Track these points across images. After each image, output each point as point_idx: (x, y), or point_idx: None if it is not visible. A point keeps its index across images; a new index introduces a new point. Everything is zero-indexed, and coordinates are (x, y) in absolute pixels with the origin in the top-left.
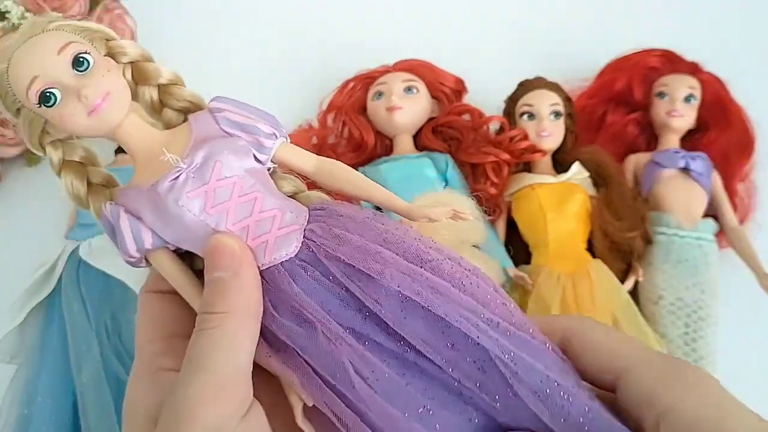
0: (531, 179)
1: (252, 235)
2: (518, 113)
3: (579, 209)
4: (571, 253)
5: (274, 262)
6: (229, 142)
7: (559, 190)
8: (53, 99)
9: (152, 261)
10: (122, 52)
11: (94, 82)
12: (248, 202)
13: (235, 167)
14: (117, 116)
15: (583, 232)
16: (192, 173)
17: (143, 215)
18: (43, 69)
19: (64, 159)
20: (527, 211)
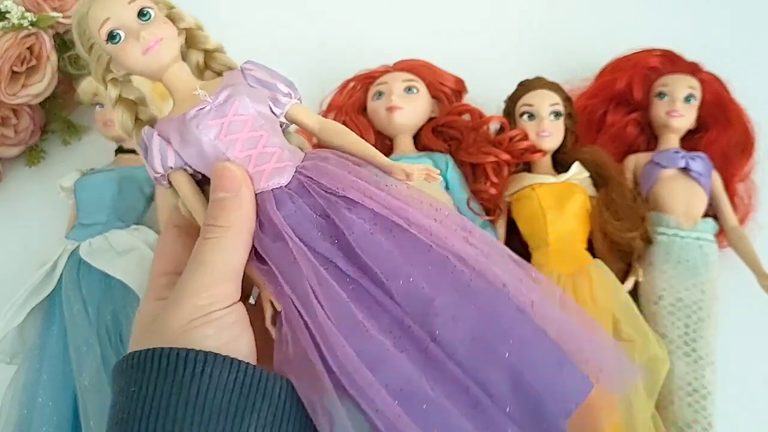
0: (531, 179)
1: (253, 164)
2: (518, 113)
3: (579, 209)
4: (571, 253)
5: (268, 188)
6: (250, 90)
7: (559, 190)
8: (118, 38)
9: (172, 180)
10: (180, 18)
11: (152, 29)
12: (255, 138)
13: (250, 108)
14: (166, 59)
15: (583, 232)
16: (215, 107)
17: (171, 138)
18: (114, 14)
19: (121, 95)
20: (527, 211)
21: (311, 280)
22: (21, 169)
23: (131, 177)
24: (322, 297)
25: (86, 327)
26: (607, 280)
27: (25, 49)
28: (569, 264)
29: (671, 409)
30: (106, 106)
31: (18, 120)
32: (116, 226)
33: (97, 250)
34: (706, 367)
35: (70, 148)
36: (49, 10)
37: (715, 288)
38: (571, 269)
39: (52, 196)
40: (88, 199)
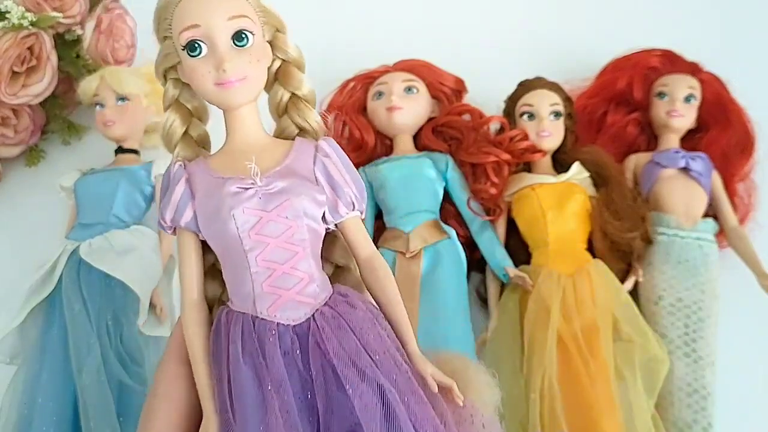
0: (531, 179)
1: (271, 281)
2: (518, 113)
3: (579, 209)
4: (571, 253)
5: (274, 319)
6: (311, 189)
7: (559, 190)
8: (198, 51)
9: (179, 237)
10: (284, 48)
11: (239, 63)
12: (288, 252)
13: (300, 215)
14: (239, 101)
15: (583, 232)
16: (261, 194)
17: (198, 194)
18: (207, 22)
19: (178, 99)
20: (527, 211)
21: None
22: (21, 169)
23: (131, 177)
24: None
25: (86, 327)
26: (607, 280)
27: (25, 49)
28: (569, 264)
29: (671, 409)
30: (106, 106)
31: (18, 120)
32: (116, 226)
33: (97, 250)
34: (706, 368)
35: (70, 148)
36: (49, 10)
37: (715, 288)
38: (571, 269)
39: (52, 196)
40: (88, 199)
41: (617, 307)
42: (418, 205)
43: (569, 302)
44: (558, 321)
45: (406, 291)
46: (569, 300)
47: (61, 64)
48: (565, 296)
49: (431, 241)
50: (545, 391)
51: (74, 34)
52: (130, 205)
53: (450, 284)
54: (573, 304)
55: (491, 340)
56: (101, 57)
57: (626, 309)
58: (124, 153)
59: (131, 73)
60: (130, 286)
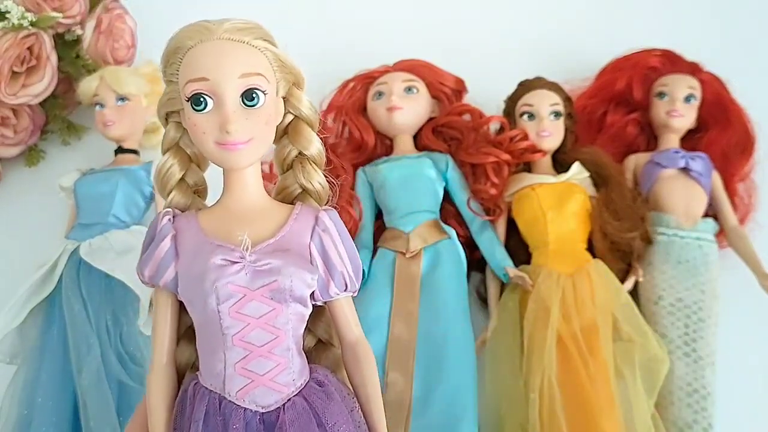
0: (531, 179)
1: (246, 364)
2: (518, 113)
3: (579, 209)
4: (571, 253)
5: (242, 404)
6: (302, 270)
7: (559, 190)
8: (203, 106)
9: (155, 295)
10: (298, 105)
11: (247, 124)
12: (269, 334)
13: (286, 297)
14: (241, 164)
15: (583, 231)
16: (249, 269)
17: (182, 255)
18: (217, 78)
19: (178, 143)
20: (527, 211)
21: None
22: (21, 169)
23: (131, 177)
24: None
25: (86, 327)
26: (606, 279)
27: (25, 49)
28: (569, 264)
29: (671, 409)
30: (106, 106)
31: (18, 120)
32: (116, 226)
33: (97, 250)
34: (706, 368)
35: (70, 148)
36: (49, 10)
37: (715, 288)
38: (571, 269)
39: (52, 196)
40: (87, 199)
41: (617, 307)
42: (418, 205)
43: (569, 302)
44: (558, 321)
45: (406, 291)
46: (569, 300)
47: (61, 64)
48: (565, 296)
49: (431, 241)
50: (545, 391)
51: (74, 34)
52: (130, 206)
53: (450, 284)
54: (573, 304)
55: (491, 340)
56: (101, 57)
57: (626, 309)
58: (123, 153)
59: (131, 73)
60: (130, 286)
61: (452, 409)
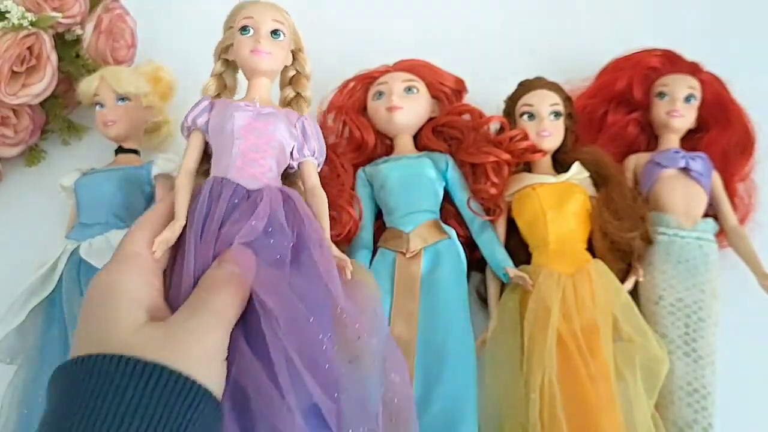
0: (531, 179)
1: (243, 161)
2: (518, 113)
3: (579, 209)
4: (571, 253)
5: (236, 180)
6: (289, 125)
7: (560, 190)
8: (246, 32)
9: (191, 135)
10: (302, 63)
11: (270, 44)
12: (261, 148)
13: (277, 131)
14: (262, 67)
15: (583, 231)
16: (256, 111)
17: (215, 110)
18: (257, 17)
19: (221, 74)
20: (528, 210)
21: None
22: (21, 169)
23: (131, 177)
24: None
25: None
26: (607, 279)
27: (25, 49)
28: (569, 264)
29: (671, 409)
30: (106, 106)
31: (18, 120)
32: (116, 226)
33: (98, 250)
34: (706, 367)
35: (70, 148)
36: (49, 10)
37: (715, 288)
38: (571, 269)
39: (52, 196)
40: (88, 198)
41: (617, 307)
42: (419, 205)
43: (569, 302)
44: (558, 320)
45: (407, 291)
46: (569, 299)
47: (61, 64)
48: (565, 296)
49: (431, 241)
50: (545, 391)
51: (74, 34)
52: (131, 206)
53: (450, 284)
54: (573, 304)
55: (491, 339)
56: (101, 57)
57: (626, 309)
58: (123, 153)
59: (131, 73)
60: None
61: (452, 409)
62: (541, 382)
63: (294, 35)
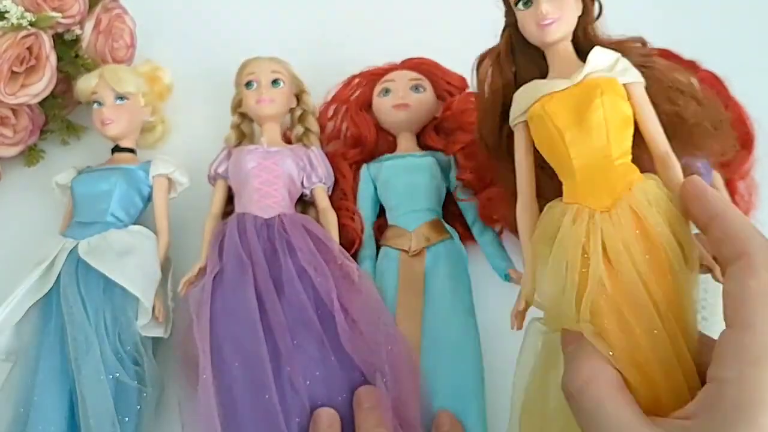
0: (540, 89)
1: (259, 195)
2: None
3: (610, 115)
4: (604, 179)
5: (252, 213)
6: (296, 159)
7: (576, 97)
8: (251, 86)
9: (216, 182)
10: (307, 102)
11: (273, 93)
12: (273, 182)
13: (285, 166)
14: (268, 113)
15: (621, 141)
16: (265, 151)
17: (232, 157)
18: (258, 72)
19: (238, 125)
20: (542, 135)
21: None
22: (20, 169)
23: (129, 176)
24: None
25: (85, 325)
26: (659, 206)
27: (24, 49)
28: (604, 194)
29: None
30: (105, 105)
31: (17, 120)
32: (114, 225)
33: (96, 249)
34: None
35: (69, 148)
36: (48, 10)
37: (718, 286)
38: (608, 201)
39: (51, 195)
40: (85, 197)
41: (682, 236)
42: (421, 203)
43: (614, 245)
44: (601, 268)
45: (411, 289)
46: (614, 243)
47: (60, 64)
48: (607, 238)
49: (434, 240)
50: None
51: (73, 34)
52: (128, 205)
53: (453, 283)
54: (620, 248)
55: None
56: (100, 57)
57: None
58: (120, 152)
59: (130, 72)
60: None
61: (458, 406)
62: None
63: (294, 80)
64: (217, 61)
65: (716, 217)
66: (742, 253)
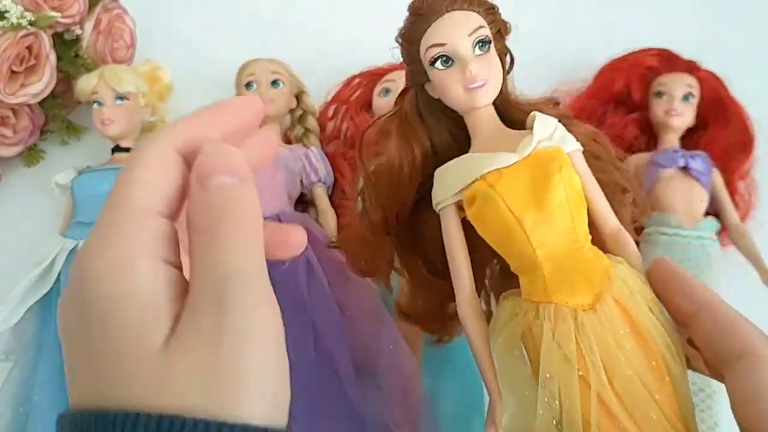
0: (480, 164)
1: (261, 196)
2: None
3: (568, 193)
4: (577, 266)
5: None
6: (295, 161)
7: (529, 175)
8: (251, 87)
9: None
10: (307, 102)
11: (273, 93)
12: (272, 183)
13: (283, 167)
14: (270, 113)
15: (582, 220)
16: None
17: None
18: (258, 73)
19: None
20: (492, 221)
21: None
22: (20, 169)
23: None
24: None
25: None
26: (637, 292)
27: (24, 48)
28: (581, 290)
29: None
30: (105, 105)
31: (17, 119)
32: None
33: None
34: None
35: (69, 148)
36: (48, 9)
37: (717, 286)
38: (588, 298)
39: (51, 196)
40: (86, 197)
41: (668, 326)
42: None
43: (609, 351)
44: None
45: None
46: (608, 348)
47: (60, 64)
48: (600, 343)
49: None
50: None
51: (73, 34)
52: None
53: None
54: (616, 353)
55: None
56: (100, 57)
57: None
58: (120, 152)
59: (130, 72)
60: None
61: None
62: None
63: (294, 81)
64: (217, 61)
65: (705, 309)
66: (748, 350)
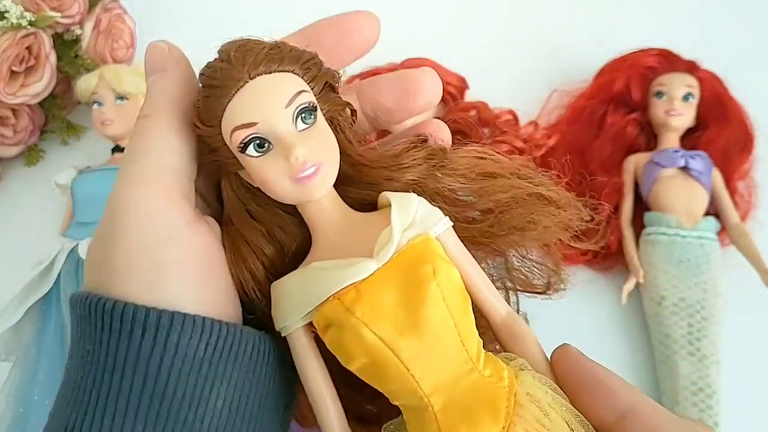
0: (331, 279)
1: None
2: None
3: (449, 306)
4: (477, 399)
5: None
6: None
7: (395, 287)
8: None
9: None
10: None
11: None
12: None
13: None
14: None
15: (470, 329)
16: None
17: None
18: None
19: None
20: (355, 352)
21: None
22: (20, 169)
23: None
24: None
25: None
26: (550, 412)
27: (23, 48)
28: (485, 424)
29: (676, 408)
30: (105, 105)
31: (17, 120)
32: None
33: None
34: (710, 366)
35: (69, 149)
36: (47, 9)
37: (717, 286)
38: (495, 423)
39: (51, 196)
40: (87, 197)
41: None
42: None
43: None
44: None
45: None
46: None
47: (60, 64)
48: None
49: None
50: None
51: (73, 34)
52: None
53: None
54: None
55: None
56: (100, 57)
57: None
58: (120, 152)
59: (130, 72)
60: None
61: None
62: None
63: None
64: None
65: (629, 414)
66: None
